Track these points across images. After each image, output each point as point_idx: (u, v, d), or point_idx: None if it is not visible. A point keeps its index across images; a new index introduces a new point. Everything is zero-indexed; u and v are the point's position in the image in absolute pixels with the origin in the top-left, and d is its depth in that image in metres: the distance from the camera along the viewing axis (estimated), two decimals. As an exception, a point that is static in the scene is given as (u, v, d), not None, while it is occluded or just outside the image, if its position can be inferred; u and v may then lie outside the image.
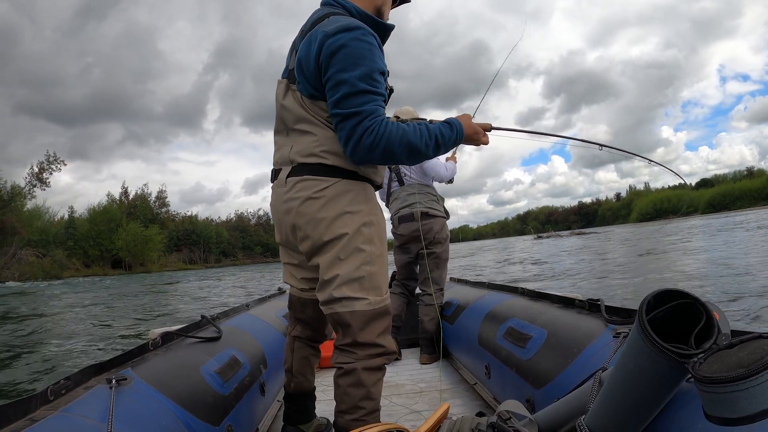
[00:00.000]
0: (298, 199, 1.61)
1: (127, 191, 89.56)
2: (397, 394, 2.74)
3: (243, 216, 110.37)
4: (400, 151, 1.49)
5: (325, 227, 1.59)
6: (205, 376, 1.73)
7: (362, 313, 1.58)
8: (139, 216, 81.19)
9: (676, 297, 0.96)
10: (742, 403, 0.74)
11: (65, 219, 76.36)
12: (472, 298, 3.11)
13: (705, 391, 0.80)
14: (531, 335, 2.00)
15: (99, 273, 66.69)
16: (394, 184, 3.75)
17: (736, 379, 0.74)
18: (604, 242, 35.95)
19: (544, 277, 14.39)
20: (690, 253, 16.48)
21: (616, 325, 1.60)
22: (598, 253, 22.79)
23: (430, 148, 1.55)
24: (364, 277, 1.60)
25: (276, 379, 2.48)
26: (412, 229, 3.57)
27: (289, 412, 2.04)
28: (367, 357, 1.60)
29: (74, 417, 1.14)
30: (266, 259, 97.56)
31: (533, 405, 1.74)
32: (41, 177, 61.74)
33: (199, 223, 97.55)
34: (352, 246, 1.59)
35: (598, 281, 11.83)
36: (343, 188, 1.60)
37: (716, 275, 9.94)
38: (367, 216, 1.63)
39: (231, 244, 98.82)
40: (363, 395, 1.59)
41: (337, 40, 1.45)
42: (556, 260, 21.19)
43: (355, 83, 1.44)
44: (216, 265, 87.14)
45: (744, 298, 7.23)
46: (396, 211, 3.67)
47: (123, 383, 1.37)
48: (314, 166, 1.60)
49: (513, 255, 29.94)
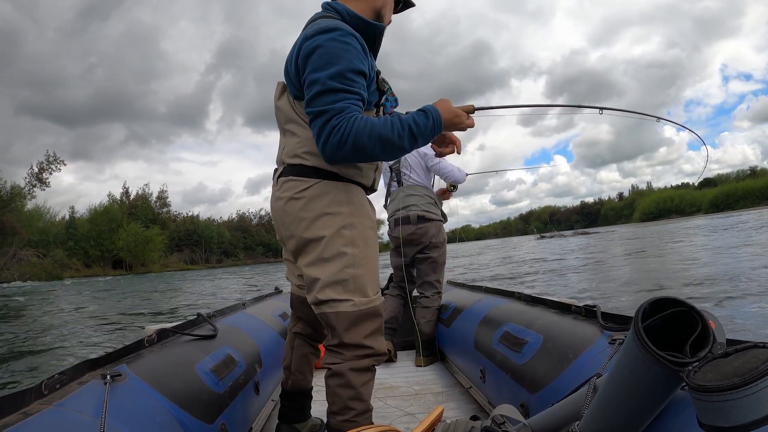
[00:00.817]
0: (283, 199, 1.64)
1: (128, 191, 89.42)
2: (392, 396, 2.74)
3: (244, 216, 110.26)
4: (371, 145, 1.43)
5: (305, 228, 1.60)
6: (199, 374, 1.73)
7: (347, 314, 1.58)
8: (140, 216, 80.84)
9: (672, 305, 0.96)
10: (736, 412, 0.74)
11: (66, 219, 75.95)
12: (468, 302, 3.11)
13: (699, 400, 0.80)
14: (527, 340, 2.00)
15: (100, 273, 66.26)
16: (393, 184, 3.72)
17: (730, 388, 0.74)
18: (610, 242, 35.96)
19: (549, 278, 14.40)
20: (692, 256, 16.46)
21: (612, 332, 1.60)
22: (607, 254, 22.74)
23: (405, 139, 1.47)
24: (347, 279, 1.59)
25: (271, 378, 2.48)
26: (408, 233, 3.55)
27: (285, 410, 2.04)
28: (354, 358, 1.59)
29: (68, 411, 1.14)
30: (268, 259, 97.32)
31: (527, 410, 1.74)
32: (41, 177, 61.53)
33: (200, 223, 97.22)
34: (332, 249, 1.59)
35: (605, 284, 11.81)
36: (323, 190, 1.60)
37: (715, 281, 9.94)
38: (348, 218, 1.61)
39: (232, 244, 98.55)
40: (352, 396, 1.59)
41: (313, 42, 1.46)
42: (564, 260, 21.18)
43: (326, 82, 1.43)
44: (217, 266, 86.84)
45: (742, 306, 7.23)
46: (392, 213, 3.65)
47: (117, 379, 1.37)
48: (297, 167, 1.63)
49: (517, 254, 29.90)
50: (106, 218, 74.61)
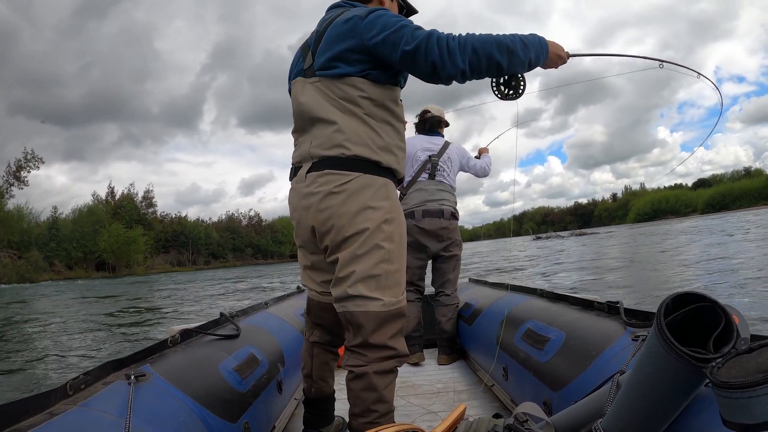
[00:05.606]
0: (318, 194, 1.60)
1: (114, 191, 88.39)
2: (414, 394, 2.74)
3: (234, 217, 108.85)
4: (489, 46, 1.48)
5: (347, 221, 1.57)
6: (223, 374, 1.75)
7: (376, 314, 1.57)
8: (125, 217, 79.63)
9: (695, 300, 0.95)
10: (761, 408, 0.72)
11: (49, 220, 74.67)
12: (490, 300, 3.10)
13: (723, 397, 0.78)
14: (549, 337, 1.98)
15: (82, 275, 65.07)
16: (424, 175, 3.52)
17: (754, 384, 0.73)
18: (612, 242, 35.40)
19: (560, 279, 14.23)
20: (707, 252, 16.18)
21: (635, 328, 1.57)
22: (613, 254, 22.43)
23: (517, 43, 1.53)
24: (381, 275, 1.58)
25: (293, 377, 2.50)
26: (438, 227, 3.44)
27: (309, 416, 2.02)
28: (378, 360, 1.58)
29: (93, 411, 1.16)
30: (257, 261, 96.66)
31: (550, 407, 1.73)
32: (18, 175, 60.09)
33: (188, 224, 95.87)
34: (371, 242, 1.57)
35: (615, 282, 11.66)
36: (365, 183, 1.59)
37: (737, 275, 9.75)
38: (388, 213, 1.62)
39: (221, 245, 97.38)
40: (375, 398, 1.57)
41: (374, 14, 1.54)
42: (569, 261, 20.93)
43: (410, 23, 1.52)
44: (205, 267, 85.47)
45: (765, 300, 7.08)
46: (421, 202, 3.44)
47: (142, 379, 1.38)
48: (335, 160, 1.59)
49: (520, 255, 29.47)
50: (90, 219, 73.59)
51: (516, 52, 1.52)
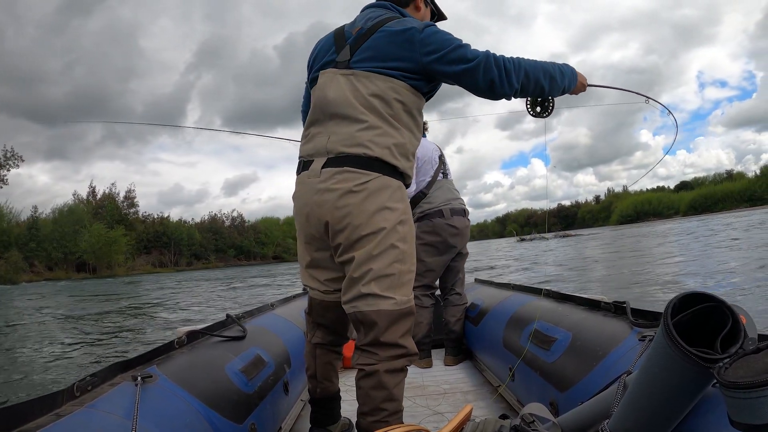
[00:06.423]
0: (336, 191, 1.59)
1: (95, 191, 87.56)
2: (421, 395, 2.74)
3: (217, 217, 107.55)
4: (535, 71, 1.64)
5: (365, 220, 1.58)
6: (229, 375, 1.75)
7: (388, 312, 1.58)
8: (106, 217, 78.32)
9: (702, 300, 0.94)
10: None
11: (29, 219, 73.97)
12: (496, 300, 3.09)
13: (730, 397, 0.78)
14: (556, 338, 1.98)
15: (62, 276, 63.98)
16: (440, 175, 3.46)
17: (762, 384, 0.72)
18: (598, 244, 35.28)
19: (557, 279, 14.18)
20: (701, 252, 16.14)
21: (641, 329, 1.57)
22: (602, 256, 22.35)
23: (556, 70, 1.70)
24: (394, 274, 1.60)
25: (300, 378, 2.50)
26: (465, 225, 3.40)
27: (316, 415, 2.03)
28: (389, 358, 1.59)
29: (100, 413, 1.17)
30: (240, 262, 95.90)
31: (557, 408, 1.72)
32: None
33: (170, 224, 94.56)
34: (387, 242, 1.59)
35: (613, 280, 11.62)
36: (383, 184, 1.61)
37: (740, 275, 9.69)
38: (403, 214, 1.66)
39: (203, 246, 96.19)
40: (385, 397, 1.58)
41: (431, 30, 1.62)
42: (565, 263, 20.83)
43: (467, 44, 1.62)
44: (187, 269, 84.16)
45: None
46: (446, 201, 3.36)
47: (148, 380, 1.39)
48: (356, 158, 1.60)
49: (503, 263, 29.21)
50: (71, 219, 72.31)
51: (556, 79, 1.69)
